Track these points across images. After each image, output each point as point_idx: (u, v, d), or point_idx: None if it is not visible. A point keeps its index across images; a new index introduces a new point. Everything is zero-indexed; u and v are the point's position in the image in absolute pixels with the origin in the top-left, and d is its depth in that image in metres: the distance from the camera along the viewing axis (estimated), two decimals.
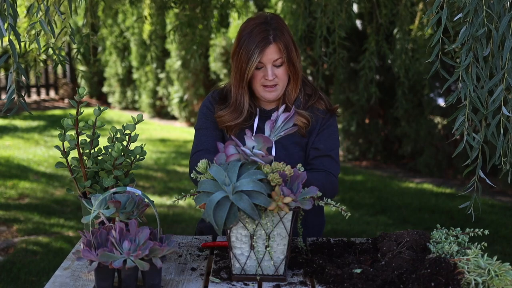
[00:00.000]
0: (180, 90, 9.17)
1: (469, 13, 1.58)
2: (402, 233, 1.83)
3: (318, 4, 3.32)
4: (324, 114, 2.15)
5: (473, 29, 1.60)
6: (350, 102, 7.00)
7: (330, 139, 2.15)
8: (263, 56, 2.01)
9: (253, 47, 2.01)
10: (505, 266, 1.54)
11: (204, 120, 2.19)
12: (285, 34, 2.04)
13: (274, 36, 2.02)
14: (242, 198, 1.58)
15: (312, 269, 1.75)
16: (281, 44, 2.02)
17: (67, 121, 1.82)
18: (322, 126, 2.15)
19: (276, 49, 2.02)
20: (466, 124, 1.68)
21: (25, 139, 7.81)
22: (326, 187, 2.02)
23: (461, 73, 1.65)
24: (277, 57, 2.03)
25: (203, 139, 2.16)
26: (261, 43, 2.01)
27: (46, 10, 1.85)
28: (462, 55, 1.64)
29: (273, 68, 2.04)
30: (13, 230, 4.59)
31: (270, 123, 1.71)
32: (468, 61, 1.63)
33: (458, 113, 1.70)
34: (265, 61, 2.03)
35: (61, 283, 1.70)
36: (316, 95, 2.17)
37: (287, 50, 2.03)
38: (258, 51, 2.00)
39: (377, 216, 5.25)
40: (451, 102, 1.71)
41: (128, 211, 1.70)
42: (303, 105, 2.14)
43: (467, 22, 1.61)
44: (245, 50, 2.02)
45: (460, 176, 6.47)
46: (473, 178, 1.76)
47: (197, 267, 1.82)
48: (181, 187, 5.98)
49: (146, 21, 4.39)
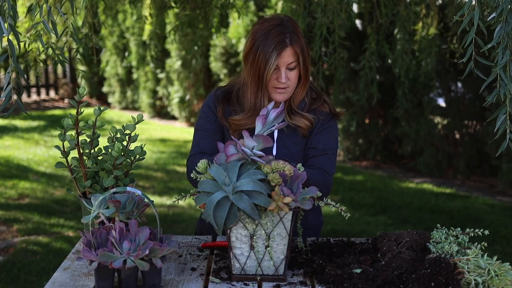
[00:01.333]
0: (180, 90, 9.17)
1: (503, 11, 1.57)
2: (402, 233, 1.83)
3: (318, 4, 3.32)
4: (325, 116, 2.16)
5: (509, 27, 1.58)
6: (350, 102, 7.00)
7: (329, 139, 2.15)
8: (279, 59, 2.00)
9: (270, 49, 1.98)
10: (505, 266, 1.54)
11: (204, 121, 2.18)
12: (300, 38, 2.04)
13: (291, 40, 2.01)
14: (242, 198, 1.58)
15: (312, 269, 1.75)
16: (298, 47, 2.01)
17: (67, 121, 1.82)
18: (321, 126, 2.15)
19: (293, 52, 2.01)
20: (508, 123, 1.66)
21: (25, 139, 7.81)
22: (320, 183, 2.00)
23: (498, 72, 1.63)
24: (292, 60, 2.02)
25: (201, 141, 2.16)
26: (279, 45, 1.99)
27: (49, 10, 1.85)
28: (498, 54, 1.62)
29: (286, 71, 2.03)
30: (13, 230, 4.59)
31: (261, 118, 1.71)
32: (505, 60, 1.61)
33: (498, 112, 1.67)
34: (280, 64, 2.01)
35: (61, 283, 1.70)
36: (321, 99, 2.17)
37: (302, 54, 2.03)
38: (276, 54, 1.98)
39: (377, 216, 5.25)
40: (491, 101, 1.68)
41: (128, 211, 1.70)
42: (307, 108, 2.14)
43: (502, 21, 1.59)
44: (263, 53, 1.99)
45: (460, 176, 6.47)
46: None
47: (197, 267, 1.82)
48: (181, 187, 5.98)
49: (146, 21, 4.39)
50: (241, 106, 2.13)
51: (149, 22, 4.42)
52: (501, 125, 1.67)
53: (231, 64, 8.64)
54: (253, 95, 2.07)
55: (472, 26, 1.62)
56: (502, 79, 1.63)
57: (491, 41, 1.61)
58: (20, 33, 1.77)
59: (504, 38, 1.60)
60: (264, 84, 2.04)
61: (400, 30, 3.97)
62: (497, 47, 1.63)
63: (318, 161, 2.12)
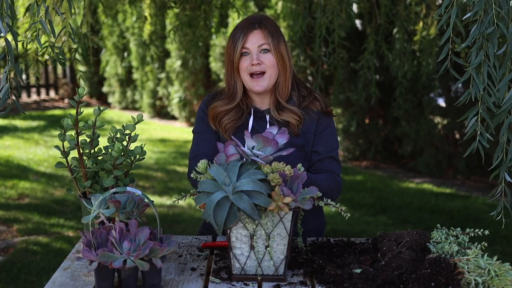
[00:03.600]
0: (180, 90, 9.17)
1: (479, 11, 1.57)
2: (402, 233, 1.83)
3: (318, 4, 3.32)
4: (319, 115, 2.16)
5: (483, 27, 1.58)
6: (350, 102, 7.00)
7: (329, 140, 2.16)
8: (247, 40, 2.07)
9: (238, 33, 2.08)
10: (505, 266, 1.54)
11: (200, 124, 2.21)
12: (271, 24, 2.10)
13: (260, 24, 2.08)
14: (242, 198, 1.58)
15: (312, 269, 1.75)
16: (266, 30, 2.07)
17: (67, 121, 1.82)
18: (318, 128, 2.15)
19: (261, 35, 2.07)
20: (479, 124, 1.66)
21: (25, 139, 7.81)
22: (332, 187, 2.07)
23: (471, 72, 1.63)
24: (262, 42, 2.07)
25: (200, 143, 2.18)
26: (246, 28, 2.08)
27: (46, 10, 1.85)
28: (472, 54, 1.62)
29: (259, 54, 2.07)
30: (13, 230, 4.59)
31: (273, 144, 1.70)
32: (478, 60, 1.61)
33: (469, 113, 1.67)
34: (250, 47, 2.07)
35: (61, 283, 1.70)
36: (311, 96, 2.18)
37: (272, 37, 2.07)
38: (243, 35, 2.07)
39: (377, 216, 5.25)
40: (463, 101, 1.68)
41: (128, 211, 1.69)
42: (297, 106, 2.14)
43: (477, 21, 1.59)
44: (232, 40, 2.09)
45: (460, 176, 6.47)
46: (500, 182, 1.73)
47: (197, 267, 1.82)
48: (181, 187, 5.98)
49: (146, 21, 4.39)
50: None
51: (149, 22, 4.42)
52: (472, 126, 1.67)
53: None
54: (228, 80, 2.14)
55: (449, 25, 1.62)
56: (474, 80, 1.63)
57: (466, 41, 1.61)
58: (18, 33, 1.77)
59: (479, 38, 1.60)
60: (235, 68, 2.10)
61: (399, 30, 3.97)
62: (472, 47, 1.63)
63: (324, 164, 2.14)
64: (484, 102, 1.64)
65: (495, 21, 1.56)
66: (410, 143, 6.64)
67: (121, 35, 9.98)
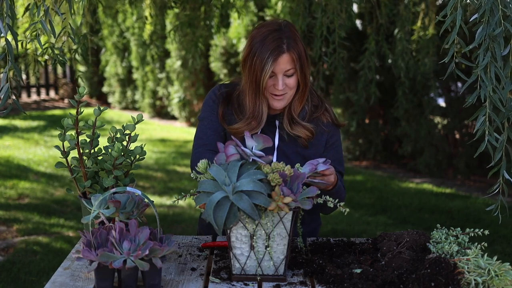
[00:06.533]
0: (180, 90, 9.17)
1: (485, 13, 1.57)
2: (402, 233, 1.83)
3: (318, 4, 3.32)
4: (328, 127, 2.15)
5: (490, 28, 1.58)
6: (350, 102, 7.00)
7: (336, 155, 2.16)
8: (276, 65, 1.97)
9: (266, 55, 1.96)
10: (505, 266, 1.54)
11: (209, 113, 2.15)
12: (298, 44, 2.01)
13: (288, 46, 1.98)
14: (242, 198, 1.58)
15: (312, 269, 1.74)
16: (295, 54, 1.98)
17: (67, 121, 1.82)
18: (329, 140, 2.15)
19: (289, 59, 1.98)
20: (487, 124, 1.66)
21: (25, 139, 7.81)
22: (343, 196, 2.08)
23: (479, 73, 1.63)
24: (290, 67, 1.99)
25: (207, 132, 2.13)
26: (275, 51, 1.96)
27: (46, 10, 1.85)
28: (479, 55, 1.62)
29: (284, 77, 2.00)
30: (13, 230, 4.59)
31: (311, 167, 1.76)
32: (486, 61, 1.60)
33: (478, 114, 1.67)
34: (276, 71, 1.99)
35: (61, 283, 1.70)
36: (323, 107, 2.16)
37: (300, 61, 2.00)
38: (272, 61, 1.96)
39: (377, 216, 5.25)
40: (471, 102, 1.68)
41: (128, 211, 1.70)
42: (308, 116, 2.12)
43: (484, 22, 1.59)
44: (259, 59, 1.97)
45: (460, 176, 6.47)
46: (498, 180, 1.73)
47: (197, 267, 1.82)
48: (181, 187, 5.98)
49: (146, 21, 4.39)
50: (241, 110, 2.11)
51: (149, 22, 4.42)
52: (481, 126, 1.67)
53: (231, 64, 8.64)
54: (252, 102, 2.05)
55: (454, 26, 1.62)
56: (482, 80, 1.63)
57: (473, 42, 1.61)
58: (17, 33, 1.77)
59: (486, 39, 1.60)
60: (261, 91, 2.01)
61: (400, 30, 3.97)
62: (479, 48, 1.62)
63: None
64: (491, 102, 1.64)
65: (502, 21, 1.56)
66: (410, 143, 6.64)
67: (121, 35, 9.98)
